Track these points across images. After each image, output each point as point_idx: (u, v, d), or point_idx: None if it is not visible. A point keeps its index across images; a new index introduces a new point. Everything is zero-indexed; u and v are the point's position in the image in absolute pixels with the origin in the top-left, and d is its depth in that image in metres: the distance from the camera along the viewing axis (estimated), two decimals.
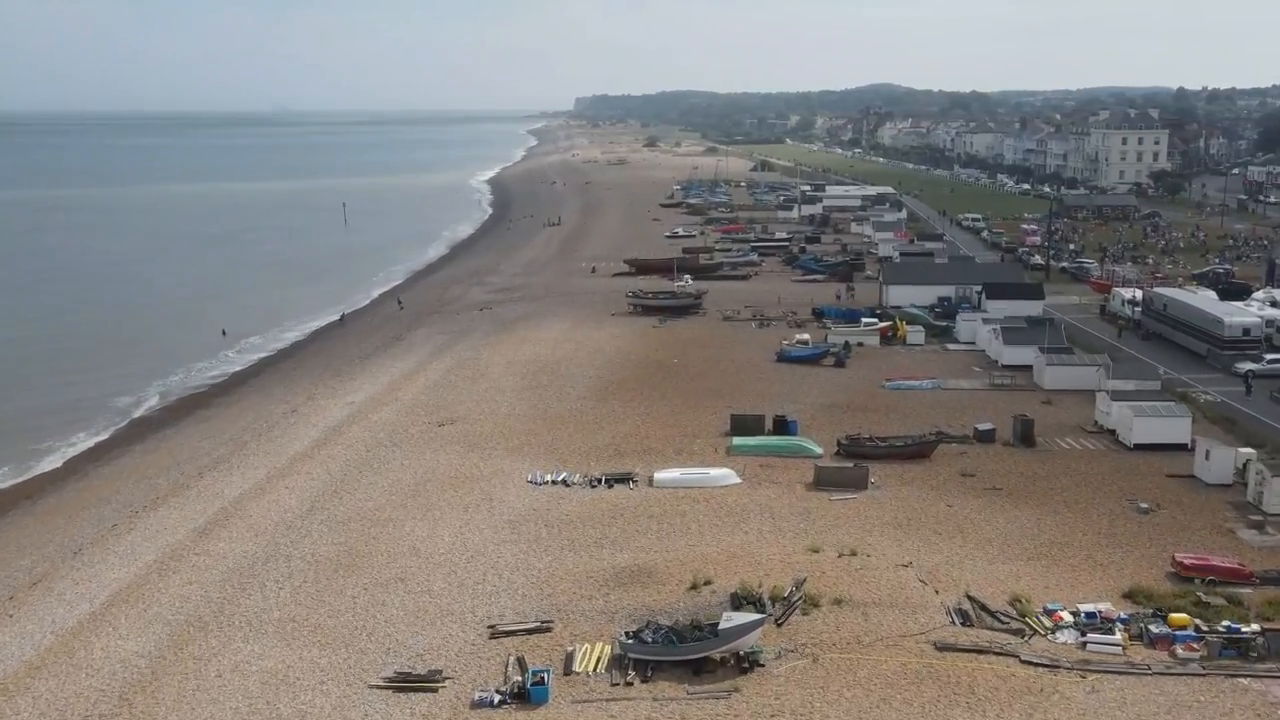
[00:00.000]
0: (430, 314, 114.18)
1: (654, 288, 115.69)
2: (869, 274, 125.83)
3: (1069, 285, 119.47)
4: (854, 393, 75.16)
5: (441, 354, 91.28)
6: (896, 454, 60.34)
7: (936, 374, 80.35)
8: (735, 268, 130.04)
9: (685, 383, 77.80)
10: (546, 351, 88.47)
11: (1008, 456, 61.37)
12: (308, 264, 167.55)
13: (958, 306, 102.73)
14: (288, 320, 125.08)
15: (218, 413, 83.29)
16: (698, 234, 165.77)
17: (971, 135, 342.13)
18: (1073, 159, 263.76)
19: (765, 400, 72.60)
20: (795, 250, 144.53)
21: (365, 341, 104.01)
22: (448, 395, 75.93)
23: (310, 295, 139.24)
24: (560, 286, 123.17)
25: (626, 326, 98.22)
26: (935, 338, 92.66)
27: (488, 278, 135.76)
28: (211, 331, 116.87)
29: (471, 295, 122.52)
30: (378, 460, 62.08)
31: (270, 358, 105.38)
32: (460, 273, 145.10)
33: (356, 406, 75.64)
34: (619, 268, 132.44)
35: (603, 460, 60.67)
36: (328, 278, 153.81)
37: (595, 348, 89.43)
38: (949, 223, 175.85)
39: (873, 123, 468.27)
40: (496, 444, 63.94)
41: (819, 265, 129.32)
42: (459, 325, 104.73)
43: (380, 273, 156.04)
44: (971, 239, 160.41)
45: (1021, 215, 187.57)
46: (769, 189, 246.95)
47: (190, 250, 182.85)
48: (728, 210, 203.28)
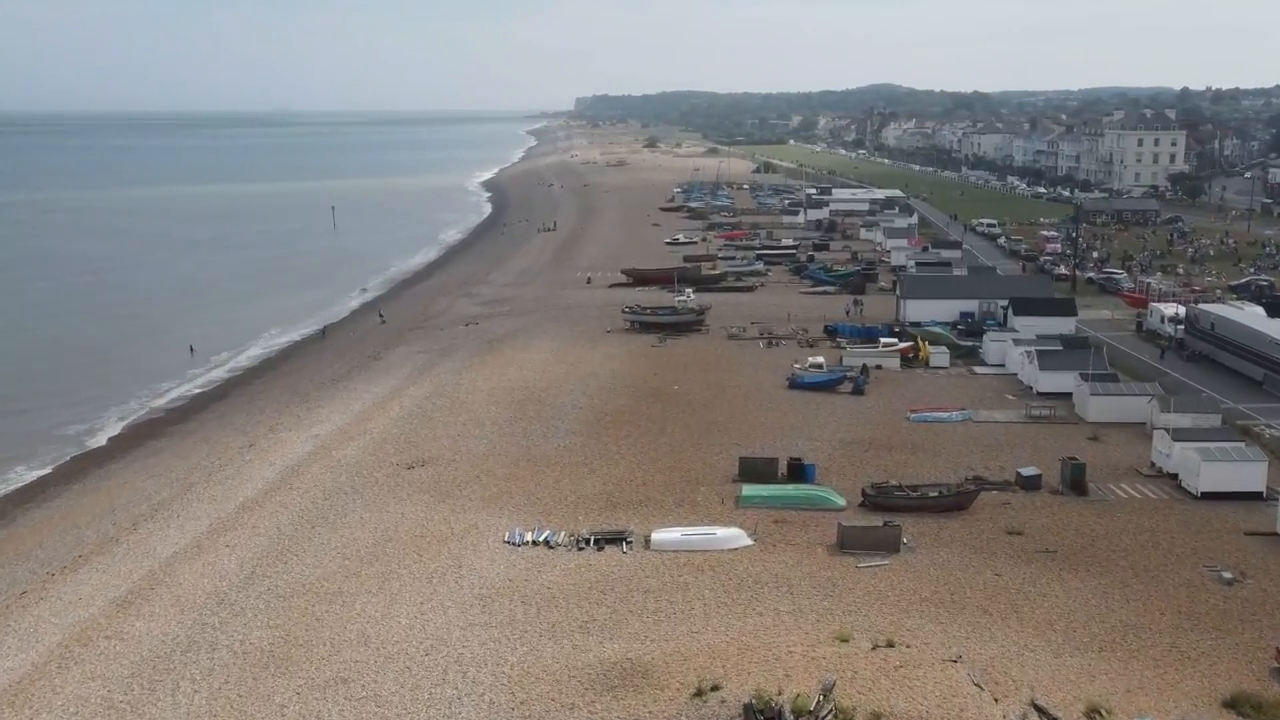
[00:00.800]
0: (413, 329, 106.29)
1: (653, 301, 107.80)
2: (882, 285, 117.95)
3: (1097, 298, 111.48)
4: (875, 426, 67.23)
5: (420, 377, 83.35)
6: (930, 506, 52.43)
7: (966, 403, 72.40)
8: (740, 278, 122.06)
9: (687, 414, 69.87)
10: (534, 375, 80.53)
11: (1058, 508, 53.42)
12: (292, 271, 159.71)
13: (982, 323, 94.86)
14: (264, 333, 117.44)
15: (170, 445, 75.39)
16: (699, 240, 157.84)
17: (979, 136, 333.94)
18: (1085, 161, 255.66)
19: (777, 436, 64.71)
20: (803, 258, 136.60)
21: (340, 361, 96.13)
22: (421, 429, 67.98)
23: (290, 305, 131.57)
24: (553, 299, 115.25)
25: (623, 345, 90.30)
26: (960, 358, 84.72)
27: (476, 288, 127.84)
28: (180, 347, 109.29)
29: (458, 308, 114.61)
30: (334, 512, 54.13)
31: (239, 377, 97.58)
32: (448, 282, 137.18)
33: (320, 441, 67.73)
34: (616, 278, 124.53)
35: (593, 513, 52.77)
36: (311, 285, 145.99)
37: (588, 371, 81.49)
38: (963, 229, 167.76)
39: (876, 123, 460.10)
40: (471, 492, 55.99)
41: (829, 275, 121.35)
42: (442, 343, 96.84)
43: (366, 281, 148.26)
44: (987, 246, 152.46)
45: (1038, 220, 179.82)
46: (773, 191, 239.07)
47: (171, 255, 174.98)
48: (730, 214, 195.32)
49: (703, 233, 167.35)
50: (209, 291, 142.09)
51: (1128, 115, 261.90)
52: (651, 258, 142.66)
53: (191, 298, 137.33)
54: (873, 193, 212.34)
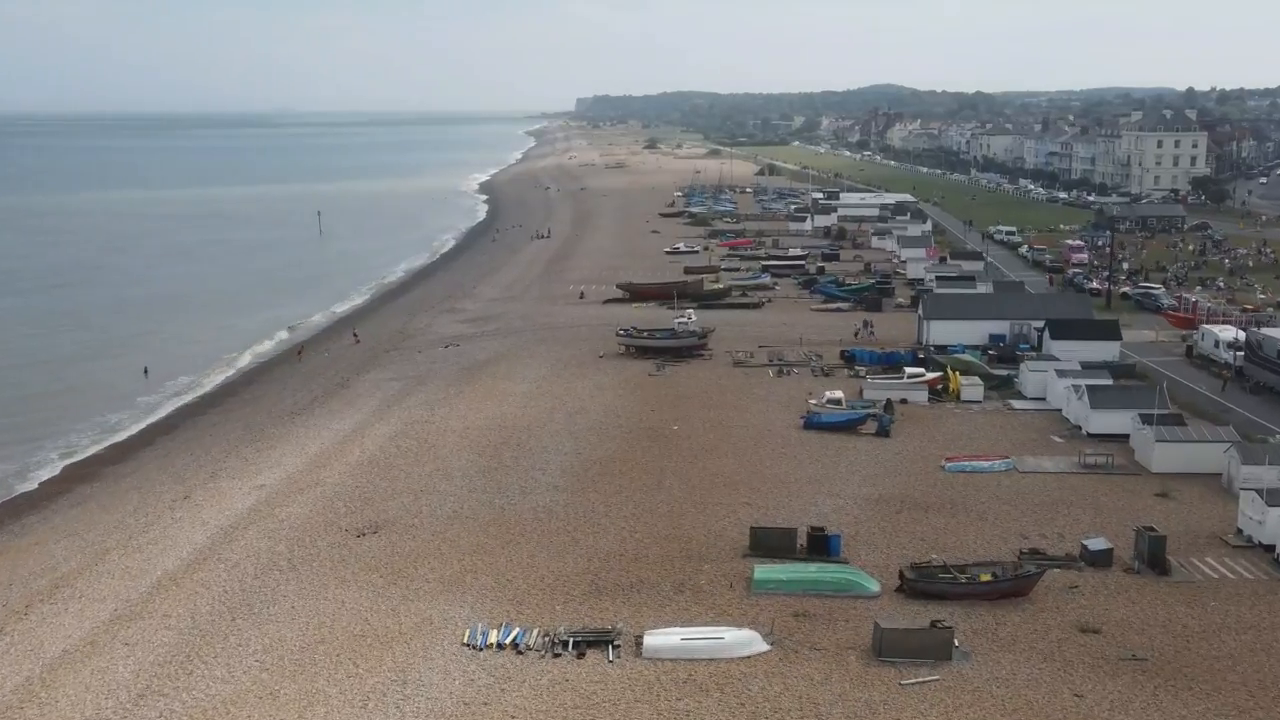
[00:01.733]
0: (388, 350, 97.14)
1: (650, 319, 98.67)
2: (899, 301, 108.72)
3: (1134, 315, 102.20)
4: (906, 478, 58.04)
5: (388, 411, 74.16)
6: (984, 593, 43.25)
7: (1007, 447, 63.23)
8: (745, 293, 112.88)
9: (688, 462, 60.67)
10: (515, 411, 71.31)
11: (1136, 593, 44.22)
12: (271, 281, 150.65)
13: (1015, 348, 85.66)
14: (231, 352, 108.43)
15: (101, 492, 66.16)
16: (701, 249, 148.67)
17: (989, 137, 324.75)
18: (1101, 163, 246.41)
19: (792, 491, 55.54)
20: (812, 270, 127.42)
21: (304, 389, 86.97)
22: (380, 481, 58.75)
23: (262, 320, 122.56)
24: (542, 316, 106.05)
25: (616, 373, 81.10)
26: (994, 389, 75.48)
27: (461, 303, 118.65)
28: (136, 368, 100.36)
29: (438, 327, 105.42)
30: (263, 597, 44.92)
31: (193, 405, 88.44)
32: (432, 295, 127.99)
33: (265, 494, 58.56)
34: (611, 292, 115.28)
35: (574, 600, 43.58)
36: (289, 298, 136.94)
37: (576, 405, 72.28)
38: (981, 237, 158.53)
39: (881, 124, 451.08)
40: (429, 570, 46.76)
41: (842, 291, 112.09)
42: (418, 368, 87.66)
43: (349, 292, 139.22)
44: (1007, 256, 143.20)
45: (1058, 227, 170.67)
46: (777, 195, 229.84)
47: (146, 263, 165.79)
48: (733, 220, 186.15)
49: (704, 241, 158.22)
50: (177, 305, 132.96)
51: (1146, 116, 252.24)
52: (650, 269, 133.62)
53: (157, 312, 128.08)
54: (882, 197, 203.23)
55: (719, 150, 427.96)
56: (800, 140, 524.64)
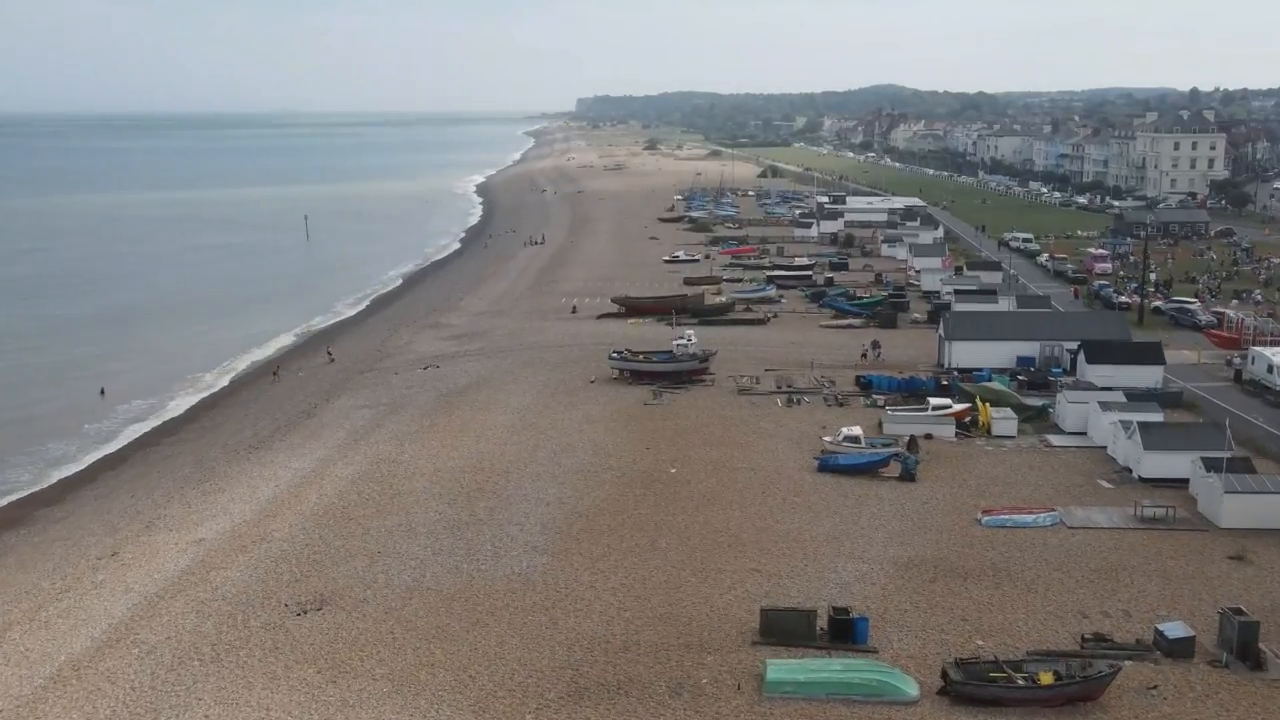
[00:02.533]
0: (363, 371, 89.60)
1: (647, 338, 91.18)
2: (915, 316, 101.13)
3: (1169, 333, 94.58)
4: (939, 534, 50.48)
5: (354, 447, 66.59)
6: (1046, 700, 35.66)
7: (1049, 492, 55.74)
8: (749, 308, 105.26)
9: (687, 514, 53.10)
10: (494, 449, 63.71)
11: (1228, 696, 36.62)
12: (251, 291, 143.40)
13: (1046, 372, 78.13)
14: (198, 371, 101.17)
15: (22, 543, 58.51)
16: (701, 258, 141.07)
17: (996, 139, 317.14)
18: (1115, 165, 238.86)
19: (808, 553, 48.00)
20: (820, 281, 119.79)
21: (268, 416, 79.49)
22: (335, 538, 51.17)
23: (238, 334, 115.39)
24: (531, 333, 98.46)
25: (608, 402, 73.52)
26: (1027, 421, 67.87)
27: (446, 316, 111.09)
28: (94, 389, 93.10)
29: (419, 344, 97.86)
30: (174, 700, 37.29)
31: (146, 435, 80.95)
32: (415, 307, 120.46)
33: (203, 551, 51.00)
34: (605, 306, 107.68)
35: (549, 706, 36.00)
36: (268, 308, 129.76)
37: (562, 442, 64.70)
38: (997, 245, 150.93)
39: (885, 125, 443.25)
40: (378, 664, 39.16)
41: (853, 305, 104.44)
42: (392, 393, 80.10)
43: (331, 303, 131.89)
44: (1025, 265, 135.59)
45: (1075, 233, 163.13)
46: (780, 199, 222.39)
47: (120, 272, 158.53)
48: (735, 225, 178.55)
49: (705, 248, 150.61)
50: (148, 317, 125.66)
51: (1162, 117, 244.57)
52: (648, 280, 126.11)
53: (125, 325, 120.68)
54: (890, 201, 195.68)
55: (720, 151, 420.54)
56: (802, 141, 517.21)
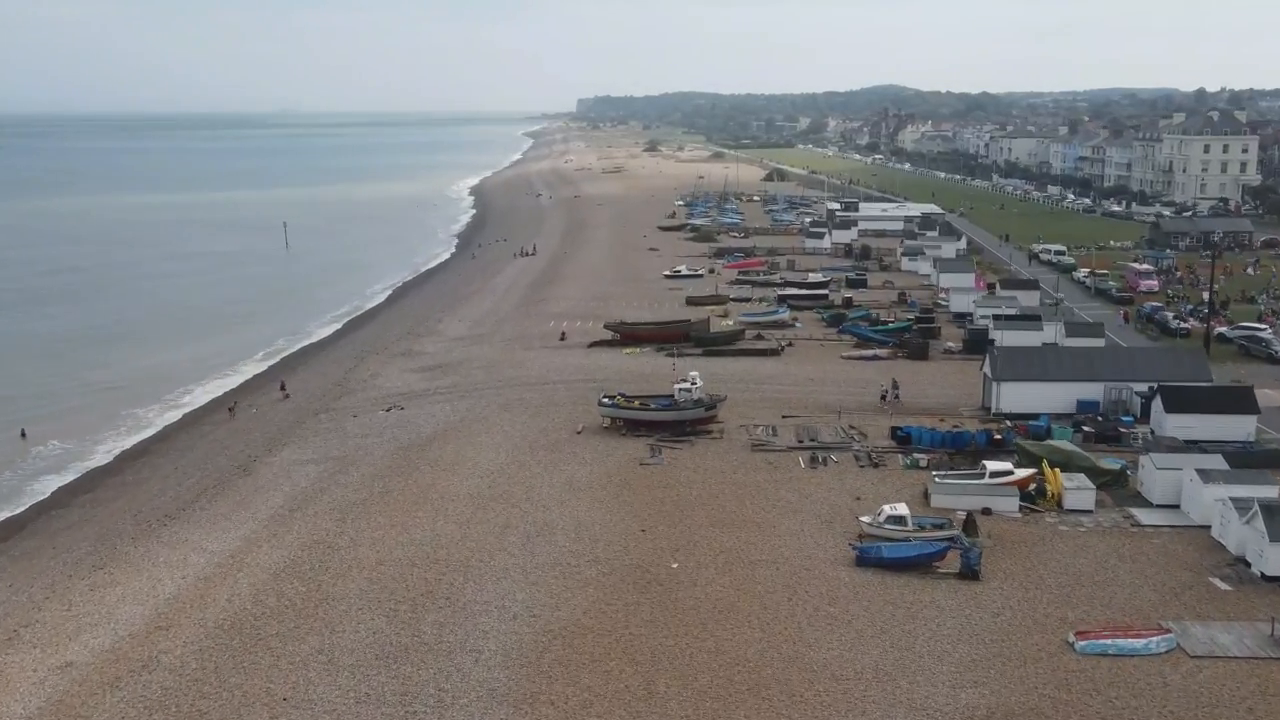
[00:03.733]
0: (318, 412, 77.77)
1: (645, 373, 79.34)
2: (948, 345, 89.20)
3: (1240, 365, 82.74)
4: (1021, 669, 38.58)
5: (287, 522, 54.69)
6: None
7: (1151, 599, 43.86)
8: (760, 334, 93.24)
9: (692, 636, 41.19)
10: (453, 532, 51.79)
11: None
12: (221, 306, 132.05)
13: (1114, 420, 66.28)
14: (139, 406, 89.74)
15: None
16: (704, 272, 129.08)
17: (1009, 140, 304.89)
18: (1139, 169, 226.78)
19: (852, 700, 36.15)
20: (838, 301, 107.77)
21: (199, 470, 67.68)
22: (232, 675, 39.25)
23: (190, 362, 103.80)
24: (512, 366, 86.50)
25: (597, 462, 61.60)
26: (1104, 488, 55.95)
27: (420, 342, 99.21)
28: (13, 428, 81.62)
29: (386, 378, 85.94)
30: None
31: (55, 495, 69.10)
32: (388, 330, 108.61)
33: (65, 683, 39.20)
34: (598, 332, 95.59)
35: None
36: (235, 329, 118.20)
37: (539, 521, 52.79)
38: (1029, 258, 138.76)
39: (892, 126, 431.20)
40: None
41: (877, 332, 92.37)
42: (345, 444, 68.23)
43: (301, 325, 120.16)
44: (1060, 281, 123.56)
45: (1109, 243, 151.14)
46: (788, 204, 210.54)
47: (79, 285, 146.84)
48: (740, 234, 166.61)
49: (709, 261, 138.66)
50: (98, 340, 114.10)
51: (1190, 118, 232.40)
52: (646, 297, 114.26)
53: (70, 349, 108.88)
54: (905, 208, 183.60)
55: (722, 153, 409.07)
56: (806, 142, 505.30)
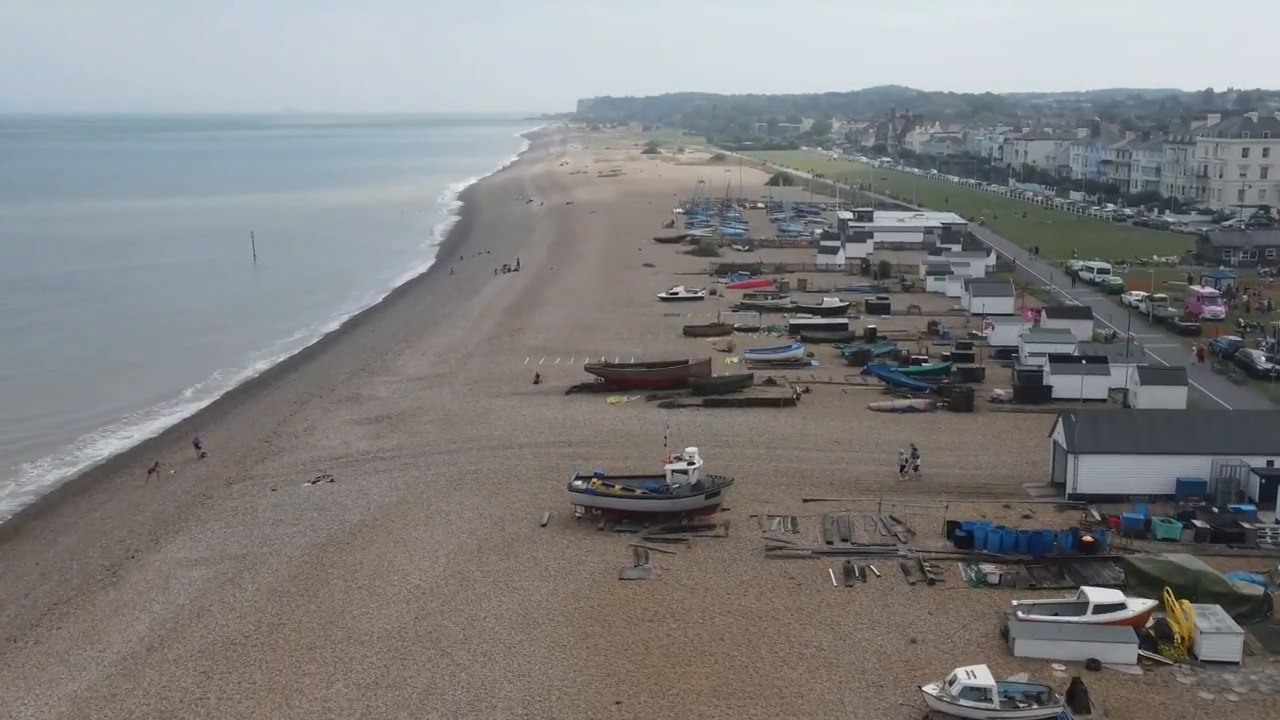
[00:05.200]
0: (231, 481, 63.28)
1: (633, 433, 64.80)
2: (996, 393, 74.48)
3: None
4: None
5: (136, 675, 40.11)
6: None
7: None
8: (772, 378, 78.32)
9: None
10: (354, 703, 37.22)
11: None
12: (171, 329, 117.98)
13: (1226, 506, 51.76)
14: (30, 459, 76.15)
15: None
16: (704, 293, 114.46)
17: (1025, 143, 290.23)
18: (1169, 174, 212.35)
19: None
20: (859, 333, 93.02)
21: (63, 569, 53.28)
22: None
23: (105, 400, 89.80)
24: (472, 422, 71.73)
25: (564, 574, 46.96)
26: (1242, 619, 41.42)
27: (371, 383, 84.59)
28: None
29: (322, 434, 71.23)
30: None
31: None
32: (338, 368, 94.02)
33: None
34: (577, 370, 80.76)
35: None
36: (176, 360, 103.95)
37: (476, 683, 38.14)
38: (1071, 279, 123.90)
39: (899, 127, 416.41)
40: None
41: (910, 376, 77.53)
42: (249, 536, 53.70)
43: (246, 356, 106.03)
44: (1106, 305, 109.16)
45: (1153, 259, 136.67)
46: (795, 212, 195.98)
47: (11, 305, 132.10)
48: (745, 248, 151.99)
49: (710, 280, 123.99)
50: (19, 372, 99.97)
51: (1227, 119, 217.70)
52: (637, 325, 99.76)
53: None
54: (924, 217, 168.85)
55: (723, 155, 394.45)
56: (810, 144, 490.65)
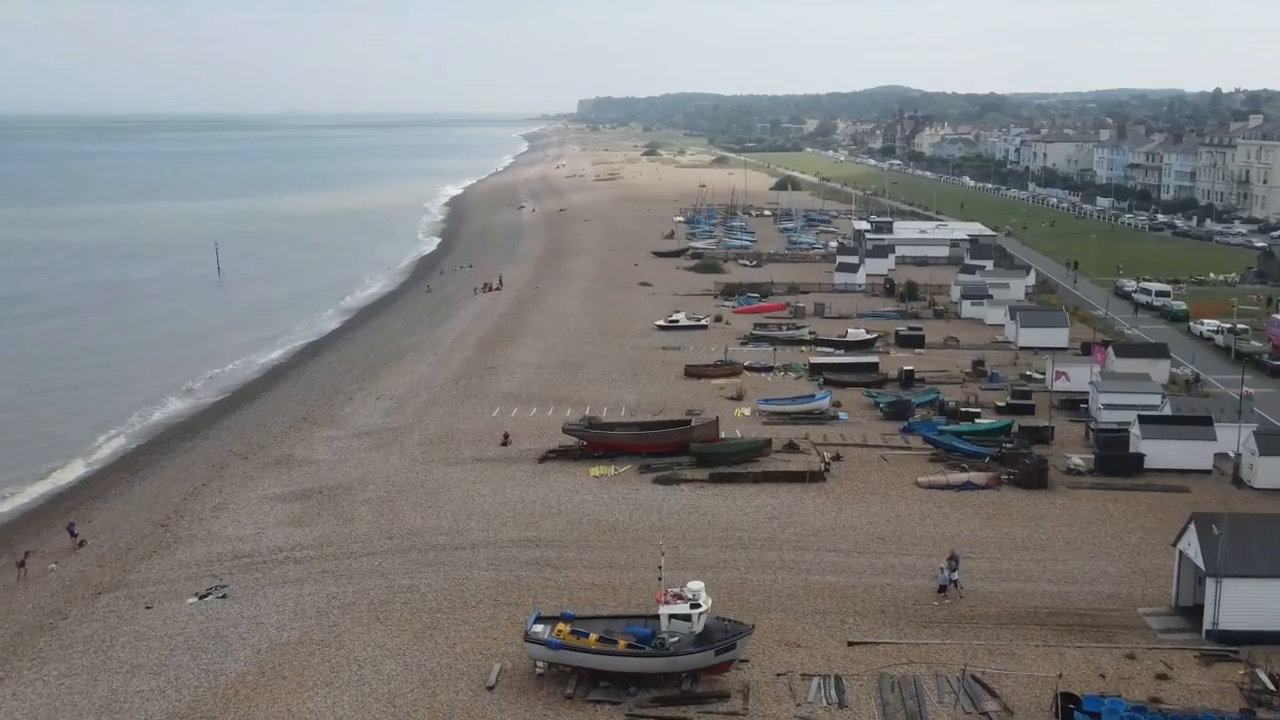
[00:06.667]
0: (100, 589, 48.88)
1: (620, 523, 50.39)
2: (1074, 462, 59.98)
3: None
4: None
5: None
6: None
7: None
8: (794, 441, 63.58)
9: None
10: None
11: None
12: (90, 364, 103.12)
13: None
14: None
15: None
16: (708, 321, 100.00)
17: (1045, 145, 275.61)
18: (1205, 179, 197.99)
19: None
20: (891, 373, 78.49)
21: None
22: None
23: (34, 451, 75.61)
24: (416, 506, 57.11)
25: None
26: None
27: (310, 439, 70.04)
28: None
29: (232, 515, 56.64)
30: None
31: None
32: (275, 416, 79.47)
33: None
34: (554, 428, 66.06)
35: None
36: (88, 401, 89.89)
37: None
38: (1134, 307, 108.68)
39: (908, 128, 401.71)
40: None
41: (961, 437, 62.88)
42: (96, 687, 39.27)
43: (170, 393, 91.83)
44: (1169, 333, 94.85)
45: (1208, 276, 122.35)
46: (805, 221, 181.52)
47: None
48: (752, 262, 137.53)
49: (714, 304, 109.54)
50: None
51: (1270, 121, 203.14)
52: (630, 362, 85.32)
53: None
54: (948, 228, 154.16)
55: (726, 158, 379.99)
56: (815, 146, 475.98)
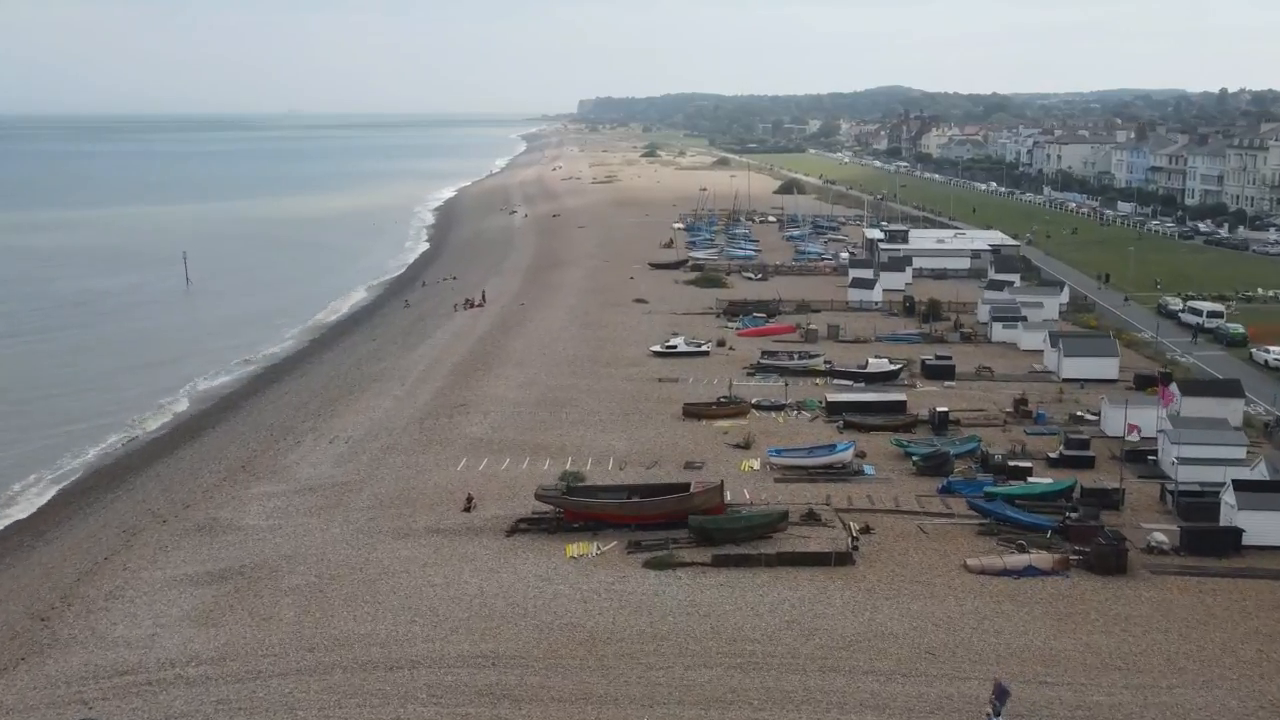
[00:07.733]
0: None
1: (603, 628, 39.85)
2: (1157, 538, 49.46)
3: None
4: None
5: None
6: None
7: None
8: (813, 509, 53.12)
9: None
10: None
11: None
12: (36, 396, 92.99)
13: None
14: None
15: None
16: (710, 347, 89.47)
17: (1059, 146, 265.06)
18: (1234, 182, 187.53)
19: None
20: (920, 412, 68.02)
21: None
22: None
23: None
24: (354, 593, 46.52)
25: None
26: None
27: (241, 499, 59.56)
28: None
29: (119, 612, 45.94)
30: None
31: None
32: (210, 465, 68.92)
33: None
34: (526, 491, 55.30)
35: None
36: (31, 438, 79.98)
37: None
38: (1192, 329, 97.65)
39: (914, 129, 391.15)
40: None
41: (1015, 506, 52.36)
42: None
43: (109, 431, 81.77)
44: (1227, 362, 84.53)
45: (1257, 291, 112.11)
46: (813, 228, 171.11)
47: None
48: (758, 275, 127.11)
49: (717, 324, 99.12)
50: None
51: None
52: (620, 398, 74.71)
53: None
54: (967, 237, 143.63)
55: (727, 159, 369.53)
56: (818, 147, 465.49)
